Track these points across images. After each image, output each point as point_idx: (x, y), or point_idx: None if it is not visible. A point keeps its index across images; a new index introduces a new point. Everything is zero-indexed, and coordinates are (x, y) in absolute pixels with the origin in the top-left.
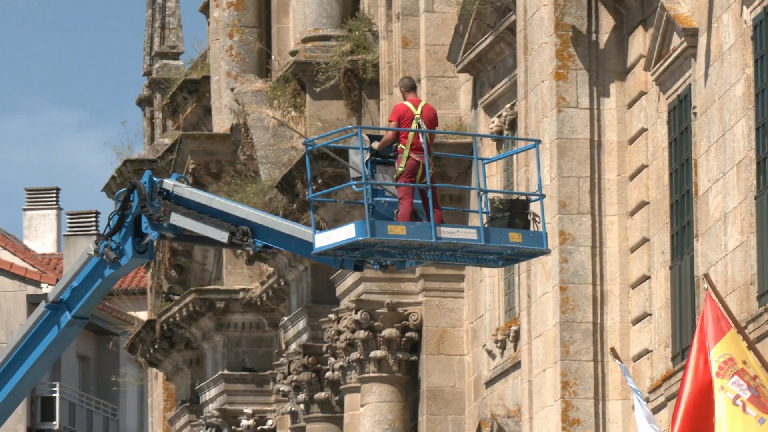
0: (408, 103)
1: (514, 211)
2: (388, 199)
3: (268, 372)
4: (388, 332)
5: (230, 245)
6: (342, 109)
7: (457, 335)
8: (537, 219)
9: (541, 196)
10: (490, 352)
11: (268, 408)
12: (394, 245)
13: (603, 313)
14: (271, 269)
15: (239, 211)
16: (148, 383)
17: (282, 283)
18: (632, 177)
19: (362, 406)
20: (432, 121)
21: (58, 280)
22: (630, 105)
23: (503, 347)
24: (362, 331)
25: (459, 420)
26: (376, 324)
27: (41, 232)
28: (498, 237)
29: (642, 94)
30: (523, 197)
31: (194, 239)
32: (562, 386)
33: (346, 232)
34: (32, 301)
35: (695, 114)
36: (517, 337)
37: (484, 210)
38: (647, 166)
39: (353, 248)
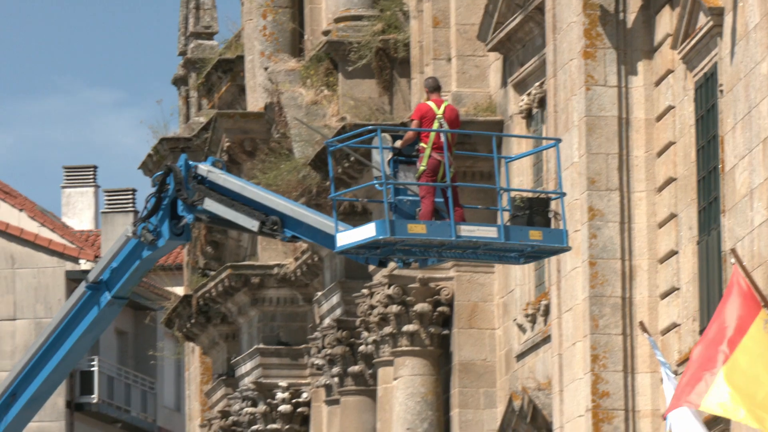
0: (431, 103)
1: (534, 209)
2: (410, 198)
3: (303, 346)
4: (421, 307)
5: (260, 233)
6: (374, 87)
7: (488, 309)
8: (558, 217)
9: (562, 194)
10: (520, 326)
11: (303, 381)
12: (414, 244)
13: (632, 287)
14: (305, 245)
15: (270, 201)
16: (185, 357)
17: (316, 259)
18: (660, 154)
19: (395, 379)
20: (454, 121)
21: (96, 257)
22: (657, 83)
23: (533, 321)
24: (395, 306)
25: (490, 393)
26: (408, 299)
27: (79, 210)
28: (518, 235)
29: (669, 72)
30: (544, 195)
31: (227, 223)
32: (591, 359)
33: (366, 231)
34: (71, 277)
35: (721, 92)
36: (547, 312)
37: (506, 208)
38: (674, 143)
39: (374, 247)
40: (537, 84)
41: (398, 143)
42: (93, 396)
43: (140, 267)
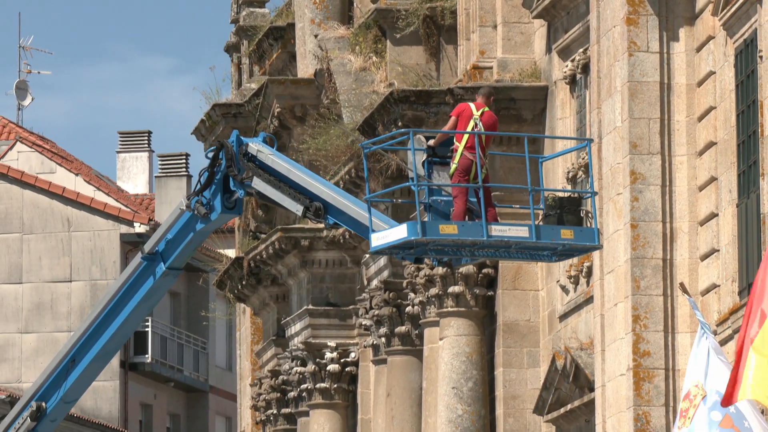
0: (471, 105)
1: (566, 208)
2: (444, 198)
3: (351, 307)
4: (466, 269)
5: (304, 217)
6: (421, 54)
7: (532, 271)
8: (590, 216)
9: (593, 194)
10: (563, 288)
11: (351, 341)
12: (446, 244)
13: (672, 249)
14: None
15: (314, 188)
16: (236, 318)
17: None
18: (700, 118)
19: (441, 339)
20: (490, 127)
21: (149, 220)
22: (698, 49)
23: (576, 283)
24: (441, 268)
25: (534, 352)
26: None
27: (134, 174)
28: (550, 234)
29: (710, 38)
30: (576, 194)
31: (274, 202)
32: (633, 320)
33: (398, 233)
34: (125, 240)
35: (761, 57)
36: (589, 273)
37: (539, 207)
38: (715, 107)
39: (408, 247)
40: (581, 50)
41: (431, 142)
42: (146, 356)
43: (194, 239)
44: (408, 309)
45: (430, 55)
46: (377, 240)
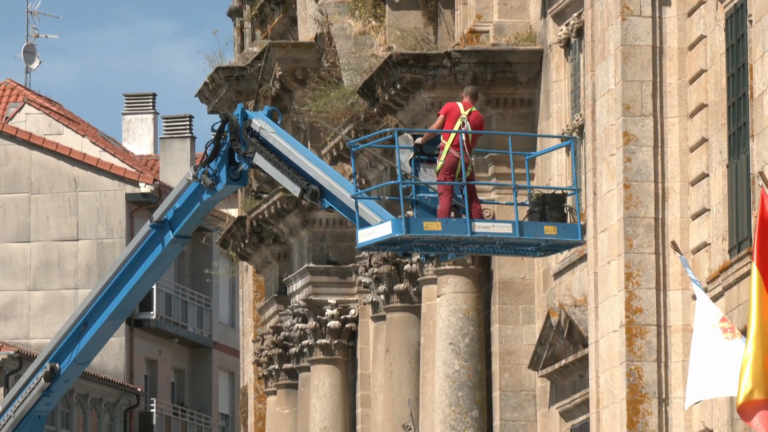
0: (459, 104)
1: (550, 205)
2: (431, 195)
3: (351, 265)
4: None
5: (301, 198)
6: (419, 18)
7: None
8: (573, 212)
9: (576, 190)
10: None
11: (351, 298)
12: (431, 240)
13: (664, 208)
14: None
15: (312, 171)
16: (239, 276)
17: (363, 183)
18: (692, 81)
19: (438, 296)
20: (477, 126)
21: (154, 180)
22: (690, 13)
23: None
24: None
25: (529, 309)
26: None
27: (139, 135)
28: (533, 230)
29: (701, 3)
30: (560, 191)
31: (275, 179)
32: (625, 277)
33: (384, 229)
34: (131, 200)
35: (751, 22)
36: (583, 232)
37: (524, 203)
38: (706, 70)
39: (393, 243)
40: (575, 15)
41: (419, 140)
42: (151, 313)
43: (201, 209)
44: (406, 267)
45: (428, 19)
46: (363, 236)
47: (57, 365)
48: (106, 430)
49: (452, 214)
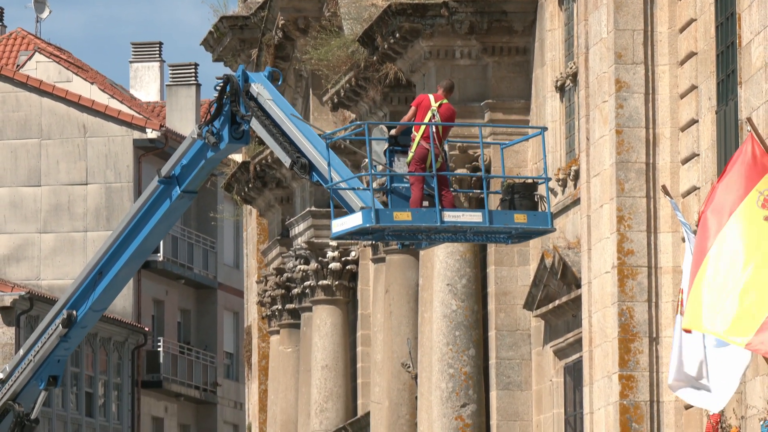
0: (431, 96)
1: (521, 194)
2: (405, 185)
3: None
4: (460, 172)
5: (291, 169)
6: None
7: (524, 173)
8: (543, 200)
9: (547, 179)
10: (551, 190)
11: (352, 241)
12: (403, 229)
13: (655, 153)
14: (353, 115)
15: (303, 146)
16: (243, 219)
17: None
18: (682, 30)
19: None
20: (448, 118)
21: (161, 126)
22: None
23: (564, 185)
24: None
25: (524, 251)
26: (449, 165)
27: (146, 83)
28: (503, 219)
29: None
30: (530, 180)
31: (269, 146)
32: (617, 220)
33: (355, 220)
34: (138, 145)
35: None
36: (576, 176)
37: (498, 191)
38: (695, 20)
39: (364, 233)
40: None
41: (393, 132)
42: (158, 254)
43: (206, 165)
44: None
45: None
46: (336, 226)
47: (74, 312)
48: (115, 368)
49: (426, 203)
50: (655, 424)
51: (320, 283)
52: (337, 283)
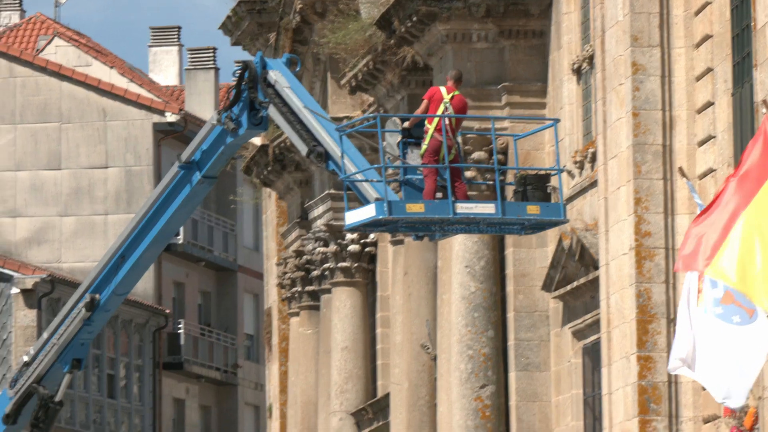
0: (443, 88)
1: (533, 185)
2: (419, 177)
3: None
4: (478, 155)
5: (307, 158)
6: None
7: (540, 157)
8: (556, 191)
9: (560, 171)
10: (569, 172)
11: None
12: (416, 221)
13: (672, 136)
14: (371, 98)
15: (319, 135)
16: (263, 201)
17: (381, 111)
18: (697, 12)
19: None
20: (460, 110)
21: (180, 110)
22: None
23: (581, 168)
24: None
25: (542, 234)
26: (466, 147)
27: (164, 67)
28: (515, 210)
29: None
30: (543, 171)
31: (286, 133)
32: (635, 202)
33: (368, 212)
34: (158, 129)
35: None
36: (593, 159)
37: (511, 182)
38: (711, 2)
39: (378, 224)
40: None
41: (406, 124)
42: (179, 237)
43: (225, 151)
44: None
45: None
46: (350, 218)
47: (97, 296)
48: (136, 350)
49: (440, 194)
50: (673, 405)
51: (339, 265)
52: (356, 265)
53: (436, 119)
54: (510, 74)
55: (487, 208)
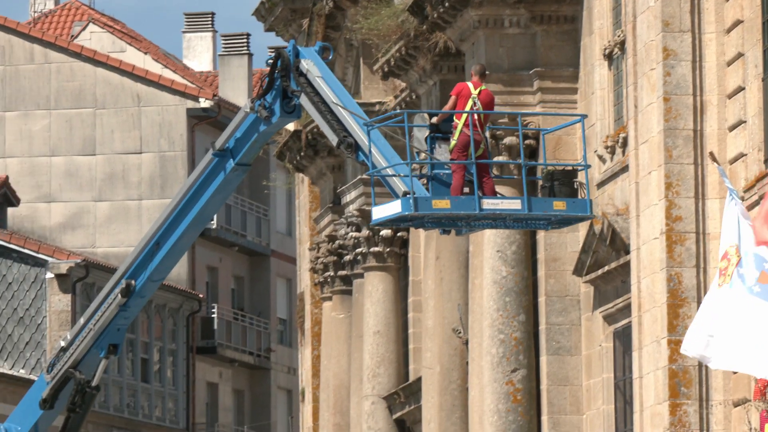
0: (470, 84)
1: (560, 180)
2: (447, 171)
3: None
4: (509, 140)
5: (337, 148)
6: None
7: (571, 142)
8: (583, 187)
9: (586, 167)
10: (600, 157)
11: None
12: (442, 216)
13: (703, 120)
14: (403, 84)
15: (350, 127)
16: (295, 187)
17: (414, 97)
18: None
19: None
20: (487, 104)
21: (214, 95)
22: None
23: (613, 152)
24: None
25: None
26: (498, 132)
27: (198, 53)
28: (542, 206)
29: None
30: (570, 167)
31: (317, 123)
32: (665, 187)
33: (394, 207)
34: (191, 114)
35: None
36: (625, 143)
37: (536, 178)
38: None
39: (404, 220)
40: None
41: (434, 119)
42: (212, 222)
43: (258, 138)
44: None
45: None
46: (376, 213)
47: (133, 282)
48: (170, 334)
49: (467, 189)
50: (703, 388)
51: (372, 250)
52: (388, 250)
53: (464, 116)
54: (542, 60)
55: (513, 204)
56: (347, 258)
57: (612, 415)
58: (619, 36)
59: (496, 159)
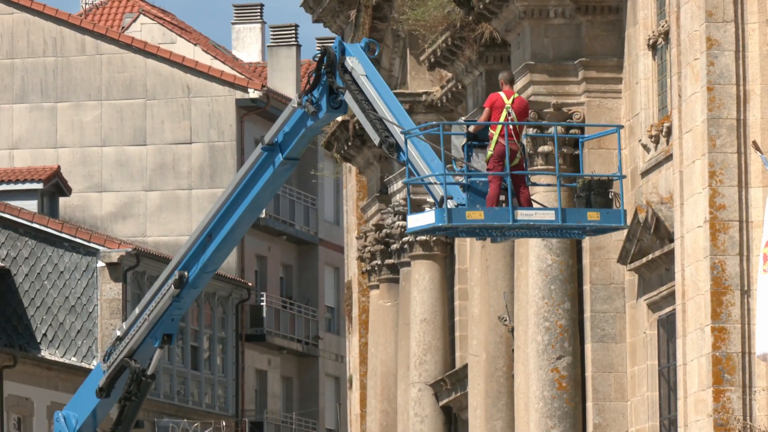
0: (502, 94)
1: (594, 191)
2: (483, 179)
3: (448, 166)
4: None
5: (379, 147)
6: None
7: (613, 139)
8: (617, 197)
9: (621, 177)
10: (645, 146)
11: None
12: (476, 227)
13: (746, 110)
14: (450, 74)
15: (391, 126)
16: (343, 176)
17: (460, 87)
18: None
19: (532, 195)
20: (522, 112)
21: (262, 86)
22: None
23: (657, 142)
24: (531, 129)
25: None
26: (543, 122)
27: (247, 44)
28: (576, 216)
29: None
30: (605, 177)
31: (360, 121)
32: (709, 176)
33: (428, 218)
34: (241, 105)
35: None
36: (669, 133)
37: (573, 185)
38: None
39: (438, 230)
40: None
41: (471, 128)
42: (261, 212)
43: (306, 133)
44: None
45: None
46: (411, 222)
47: (186, 273)
48: (219, 322)
49: (503, 197)
50: (747, 375)
51: (418, 238)
52: (434, 238)
53: (499, 126)
54: (586, 50)
55: (548, 215)
56: (394, 247)
57: (656, 402)
58: (663, 26)
59: (531, 169)
